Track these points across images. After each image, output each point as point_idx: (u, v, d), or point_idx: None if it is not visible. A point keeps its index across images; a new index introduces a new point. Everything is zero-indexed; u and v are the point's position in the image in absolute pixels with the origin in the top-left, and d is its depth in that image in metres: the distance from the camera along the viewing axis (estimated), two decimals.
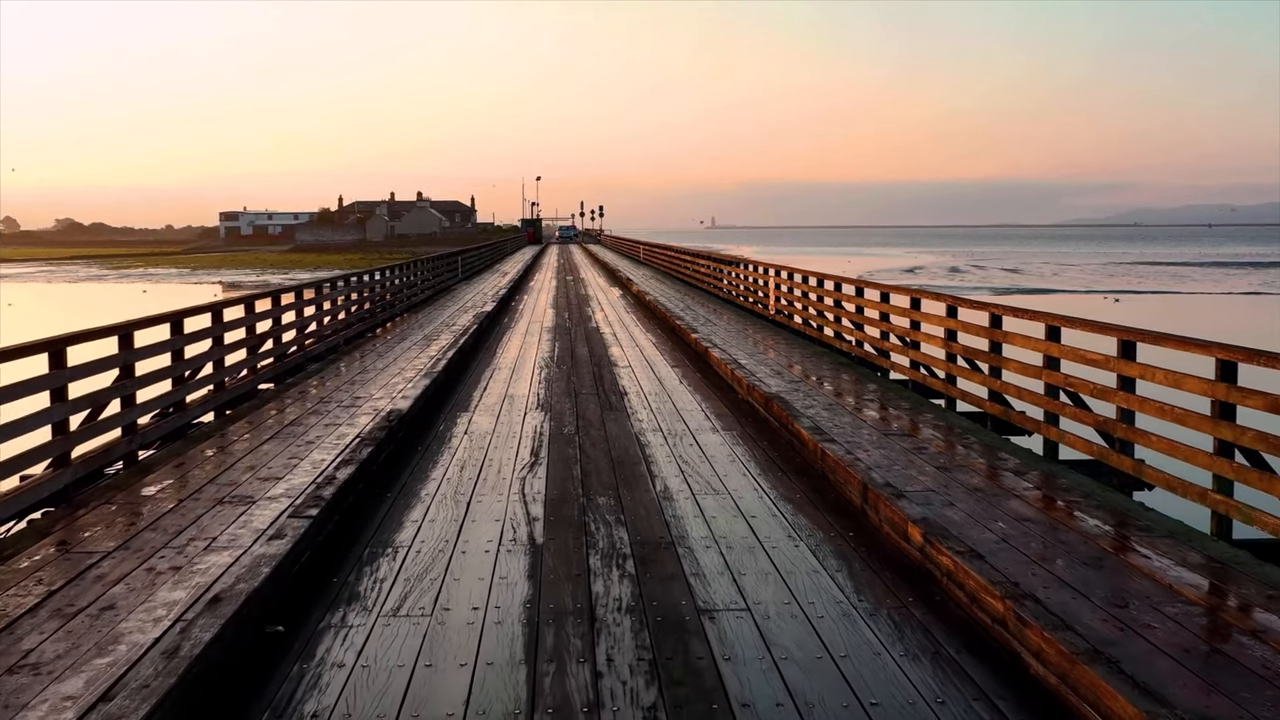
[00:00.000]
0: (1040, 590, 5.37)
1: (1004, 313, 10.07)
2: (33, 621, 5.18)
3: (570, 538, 6.77)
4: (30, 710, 4.22)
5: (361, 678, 4.70)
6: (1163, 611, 5.18)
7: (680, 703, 4.43)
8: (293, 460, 8.54)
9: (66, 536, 6.60)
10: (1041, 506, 7.09)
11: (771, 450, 9.53)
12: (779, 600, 5.61)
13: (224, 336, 11.09)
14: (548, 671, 4.75)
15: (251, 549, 6.23)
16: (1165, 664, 4.51)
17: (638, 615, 5.44)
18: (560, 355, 16.26)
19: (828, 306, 16.44)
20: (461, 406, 11.73)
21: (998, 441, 9.40)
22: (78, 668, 4.63)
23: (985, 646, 5.07)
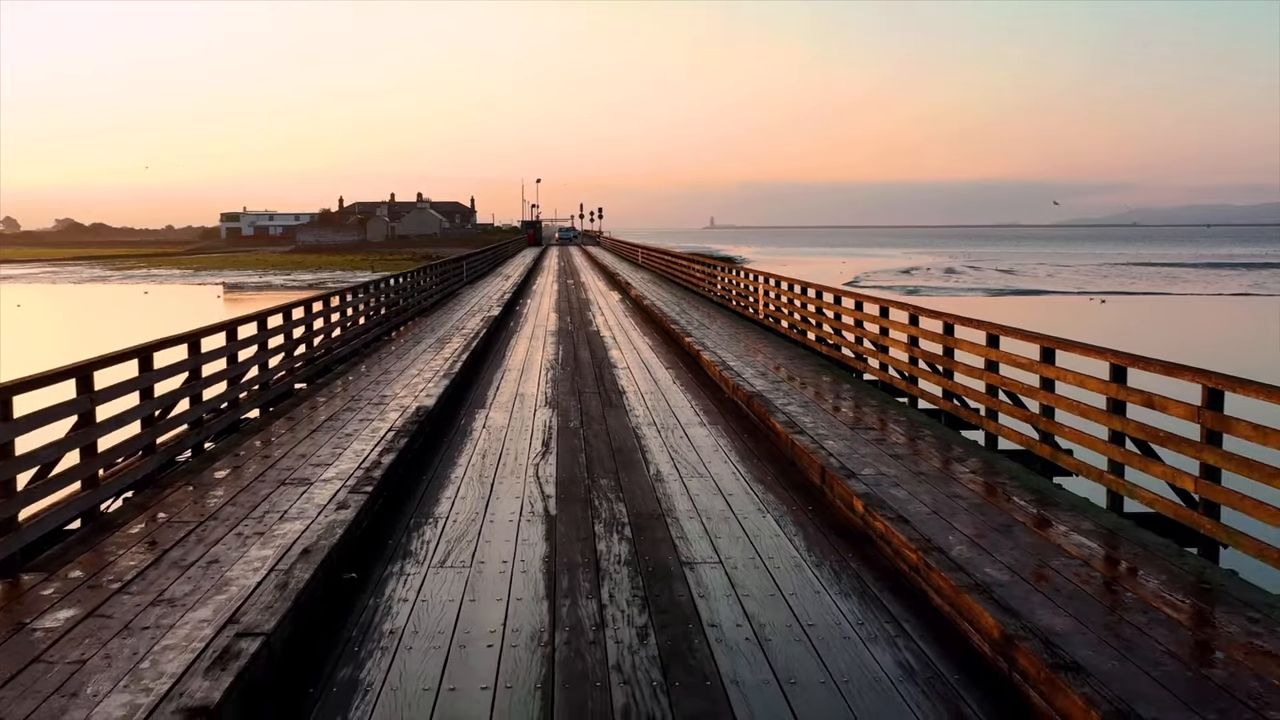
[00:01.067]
0: (951, 547, 6.84)
1: (955, 321, 11.55)
2: (157, 571, 6.66)
3: (578, 510, 8.27)
4: (178, 628, 5.68)
5: (421, 608, 6.19)
6: (1049, 564, 6.65)
7: (664, 625, 5.92)
8: (338, 450, 10.01)
9: (162, 510, 8.07)
10: (973, 487, 8.56)
11: (750, 441, 11.02)
12: (745, 556, 7.10)
13: (268, 341, 12.58)
14: (564, 604, 6.23)
15: (318, 519, 7.70)
16: (1035, 597, 5.98)
17: (633, 566, 6.92)
18: (564, 358, 17.75)
19: (810, 313, 17.89)
20: (478, 404, 13.24)
21: (950, 434, 10.87)
22: (203, 601, 6.10)
23: (902, 588, 6.56)
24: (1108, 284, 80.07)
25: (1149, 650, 5.22)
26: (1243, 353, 34.01)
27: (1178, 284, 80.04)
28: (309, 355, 14.74)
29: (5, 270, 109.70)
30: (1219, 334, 40.99)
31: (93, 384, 7.99)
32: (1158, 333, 41.69)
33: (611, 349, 19.12)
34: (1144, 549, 7.01)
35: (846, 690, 5.09)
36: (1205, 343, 37.59)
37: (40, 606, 5.99)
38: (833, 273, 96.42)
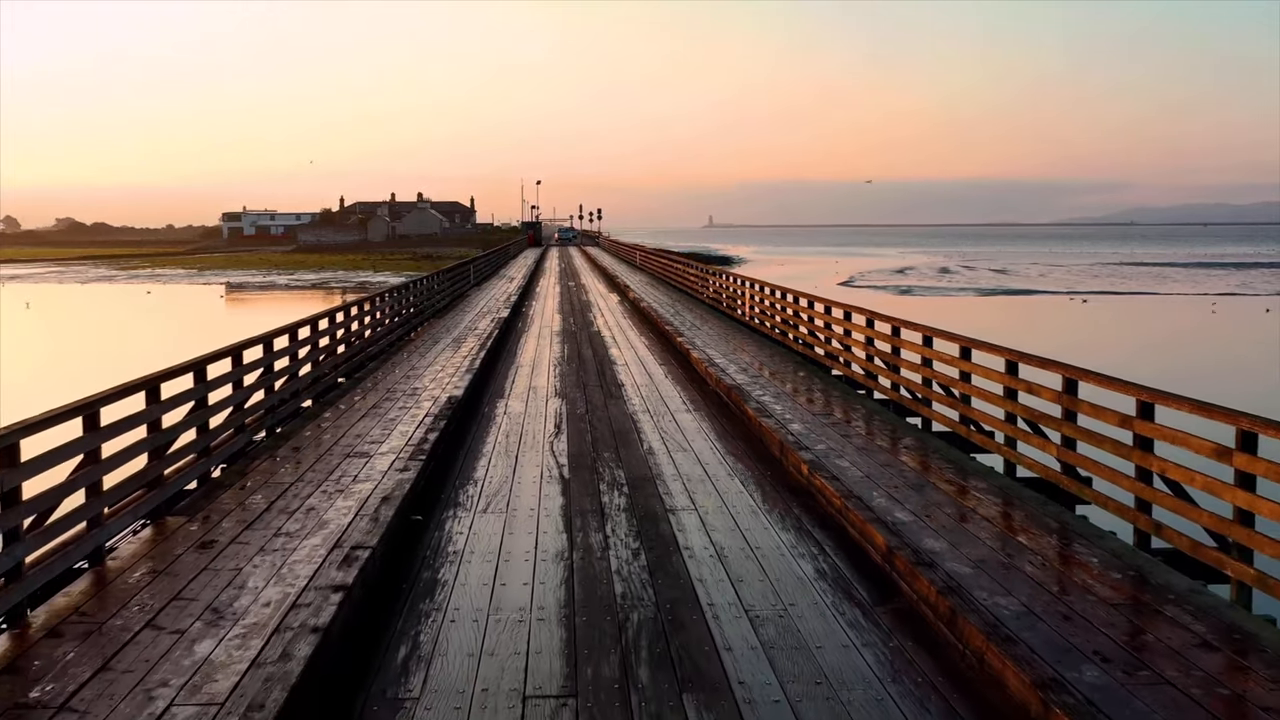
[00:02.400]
0: (871, 498, 9.11)
1: (900, 324, 13.84)
2: (269, 516, 8.93)
3: (586, 475, 10.57)
4: (299, 550, 7.94)
5: (474, 537, 8.49)
6: (943, 510, 8.91)
7: (651, 548, 8.21)
8: (386, 431, 12.30)
9: (259, 476, 10.35)
10: (905, 459, 10.84)
11: (728, 425, 13.33)
12: (715, 505, 9.41)
13: (319, 341, 14.87)
14: (578, 535, 8.53)
15: (384, 480, 9.98)
16: (922, 529, 8.24)
17: (629, 512, 9.22)
18: (569, 355, 20.05)
19: (790, 315, 20.17)
20: (498, 394, 15.55)
21: (896, 420, 13.16)
22: (311, 534, 8.37)
23: (828, 525, 8.86)
24: (1098, 284, 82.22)
25: (990, 555, 7.50)
26: (1200, 353, 36.33)
27: (1166, 284, 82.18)
28: (348, 354, 17.01)
29: (11, 270, 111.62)
30: (1183, 334, 43.23)
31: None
32: (1120, 332, 43.98)
33: (611, 348, 21.42)
34: (1020, 500, 9.29)
35: (777, 584, 7.39)
36: (1164, 343, 39.85)
37: (191, 539, 8.28)
38: (827, 273, 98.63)
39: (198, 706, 5.33)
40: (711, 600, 7.09)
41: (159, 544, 8.12)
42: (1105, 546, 7.97)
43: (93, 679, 5.69)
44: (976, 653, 6.09)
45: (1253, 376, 29.96)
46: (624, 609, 6.93)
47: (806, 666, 6.04)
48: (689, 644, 6.36)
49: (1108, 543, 8.09)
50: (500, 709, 5.52)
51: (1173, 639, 6.13)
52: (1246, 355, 35.97)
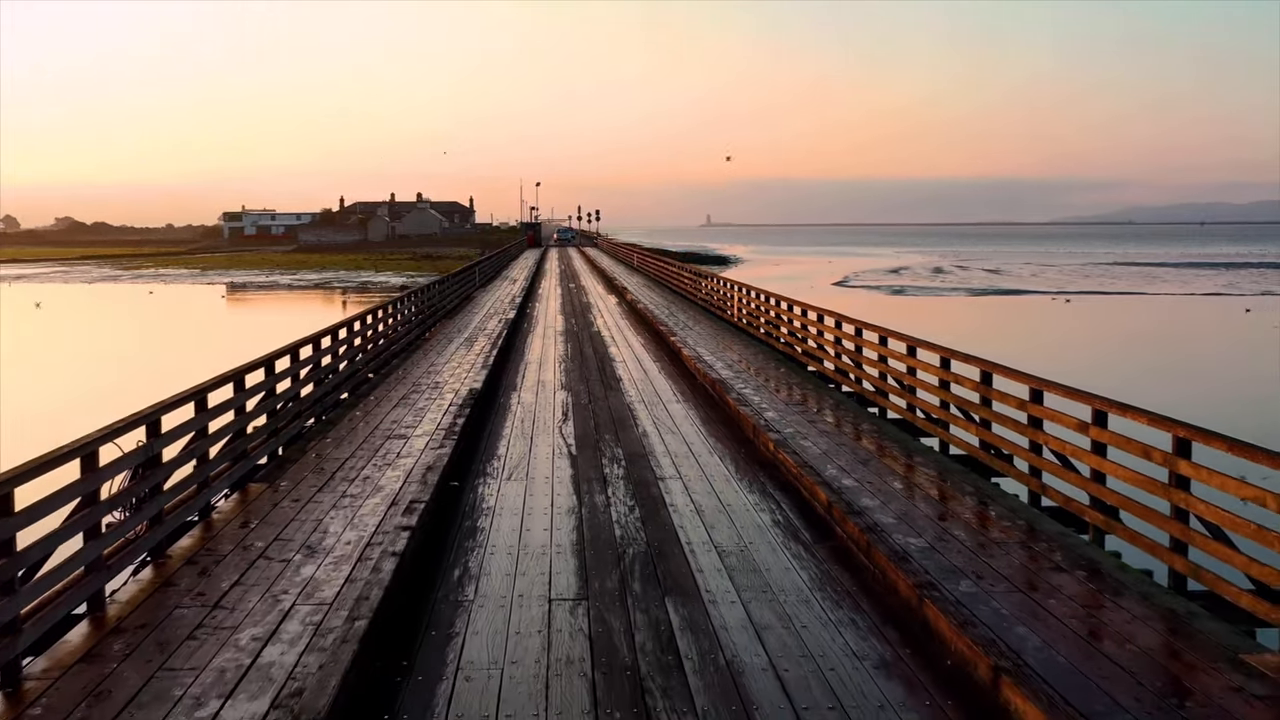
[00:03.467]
0: (824, 470, 11.27)
1: (860, 325, 16.01)
2: (333, 483, 11.08)
3: (590, 452, 12.75)
4: (365, 505, 10.10)
5: (502, 498, 10.67)
6: (882, 479, 11.07)
7: (643, 505, 10.39)
8: (418, 418, 14.46)
9: (318, 451, 12.51)
10: (863, 441, 13.00)
11: (712, 413, 15.51)
12: (696, 474, 11.59)
13: (354, 340, 17.04)
14: (585, 496, 10.71)
15: (423, 455, 12.14)
16: (861, 491, 10.40)
17: (627, 480, 11.40)
18: (572, 353, 22.24)
19: (772, 317, 22.34)
20: (511, 387, 17.74)
21: (859, 409, 15.32)
22: (371, 496, 10.53)
23: (787, 488, 11.05)
24: (1088, 284, 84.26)
25: (912, 510, 9.68)
26: (1160, 353, 38.44)
27: (1155, 284, 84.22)
28: (375, 352, 19.17)
29: (17, 270, 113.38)
30: (1150, 333, 45.40)
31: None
32: (1088, 331, 46.13)
33: (610, 346, 23.60)
34: (949, 473, 11.47)
35: (741, 530, 9.57)
36: (1125, 341, 41.99)
37: (275, 499, 10.44)
38: (822, 273, 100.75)
39: (313, 605, 7.48)
40: (689, 540, 9.27)
41: (251, 502, 10.29)
42: (1005, 504, 10.15)
43: (231, 589, 7.85)
44: (881, 570, 8.27)
45: (1199, 378, 32.13)
46: (622, 545, 9.12)
47: (756, 581, 8.22)
48: (671, 568, 8.53)
49: (1008, 501, 10.27)
50: (532, 607, 7.70)
51: (1035, 565, 8.30)
52: (1206, 355, 38.09)
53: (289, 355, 13.45)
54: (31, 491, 6.63)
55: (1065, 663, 6.37)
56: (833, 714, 6.00)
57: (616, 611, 7.60)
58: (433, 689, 6.43)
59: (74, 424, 8.86)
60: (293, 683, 6.17)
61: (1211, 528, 7.54)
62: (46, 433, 10.28)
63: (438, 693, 6.37)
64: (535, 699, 6.20)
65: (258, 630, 7.03)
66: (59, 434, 8.00)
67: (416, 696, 6.33)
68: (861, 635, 7.19)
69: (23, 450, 7.59)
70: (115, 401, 9.74)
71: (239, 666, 6.42)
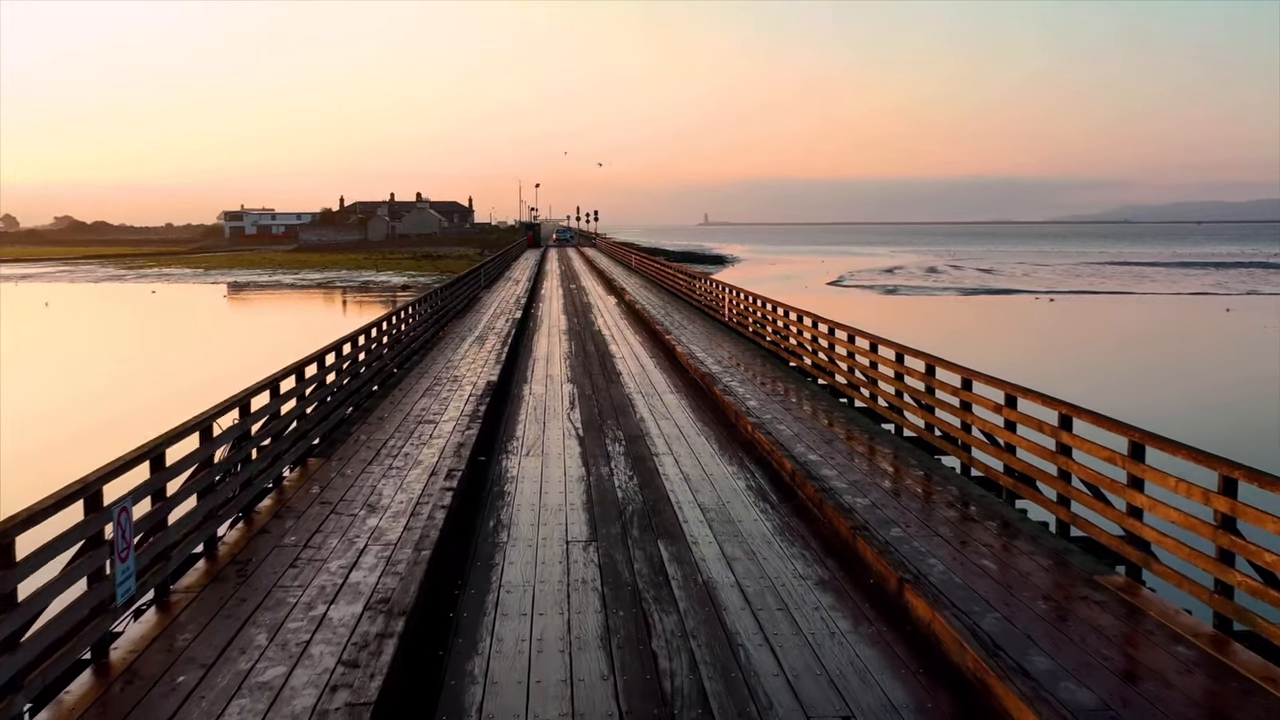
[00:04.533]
0: (794, 447, 13.47)
1: (834, 325, 18.22)
2: (379, 458, 13.28)
3: (595, 434, 14.97)
4: (409, 474, 12.30)
5: (522, 469, 12.90)
6: (842, 455, 13.28)
7: (640, 474, 12.61)
8: (443, 406, 16.66)
9: (361, 434, 14.70)
10: (835, 428, 15.20)
11: (701, 402, 17.73)
12: (685, 451, 13.82)
13: (382, 339, 19.24)
14: (592, 468, 12.93)
15: (453, 436, 14.34)
16: (823, 464, 12.60)
17: (627, 456, 13.62)
18: (576, 350, 24.46)
19: (758, 318, 24.55)
20: (523, 380, 19.97)
21: (832, 400, 17.52)
22: (413, 468, 12.73)
23: (761, 462, 13.27)
24: (1078, 283, 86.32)
25: (863, 480, 11.88)
26: (1119, 354, 40.59)
27: (1144, 283, 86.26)
28: (398, 349, 21.37)
29: (22, 269, 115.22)
30: (1120, 333, 47.58)
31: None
32: (1061, 329, 48.32)
33: (611, 343, 25.82)
34: (902, 451, 13.67)
35: (720, 493, 11.78)
36: (1087, 340, 44.15)
37: (336, 469, 12.64)
38: (818, 273, 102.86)
39: (381, 545, 9.67)
40: (678, 500, 11.49)
41: (313, 473, 12.49)
42: (942, 475, 12.36)
43: (313, 535, 10.04)
44: (829, 519, 10.50)
45: (1162, 379, 34.32)
46: (623, 504, 11.34)
47: (730, 529, 10.43)
48: (662, 520, 10.75)
49: (945, 473, 12.47)
50: (553, 545, 9.91)
51: (958, 518, 10.50)
52: (1177, 356, 40.25)
53: (334, 351, 15.65)
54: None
55: (959, 581, 8.56)
56: (780, 613, 8.21)
57: (619, 549, 9.82)
58: (483, 598, 8.65)
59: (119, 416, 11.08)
60: (377, 594, 8.36)
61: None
62: (92, 423, 12.42)
63: (487, 600, 8.59)
64: (559, 603, 8.41)
65: (342, 562, 9.23)
66: (107, 422, 10.18)
67: (471, 601, 8.54)
68: (808, 564, 9.41)
69: (73, 442, 9.76)
70: (159, 395, 11.88)
71: (334, 585, 8.61)
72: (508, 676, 7.11)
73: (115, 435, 15.10)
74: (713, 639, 7.68)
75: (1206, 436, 9.69)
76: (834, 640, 7.67)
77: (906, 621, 8.07)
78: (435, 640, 7.77)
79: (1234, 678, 6.80)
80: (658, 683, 6.95)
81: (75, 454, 18.33)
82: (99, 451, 8.83)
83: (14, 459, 19.20)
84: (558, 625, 7.98)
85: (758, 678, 7.01)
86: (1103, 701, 6.40)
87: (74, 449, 19.85)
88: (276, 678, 6.83)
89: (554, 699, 6.74)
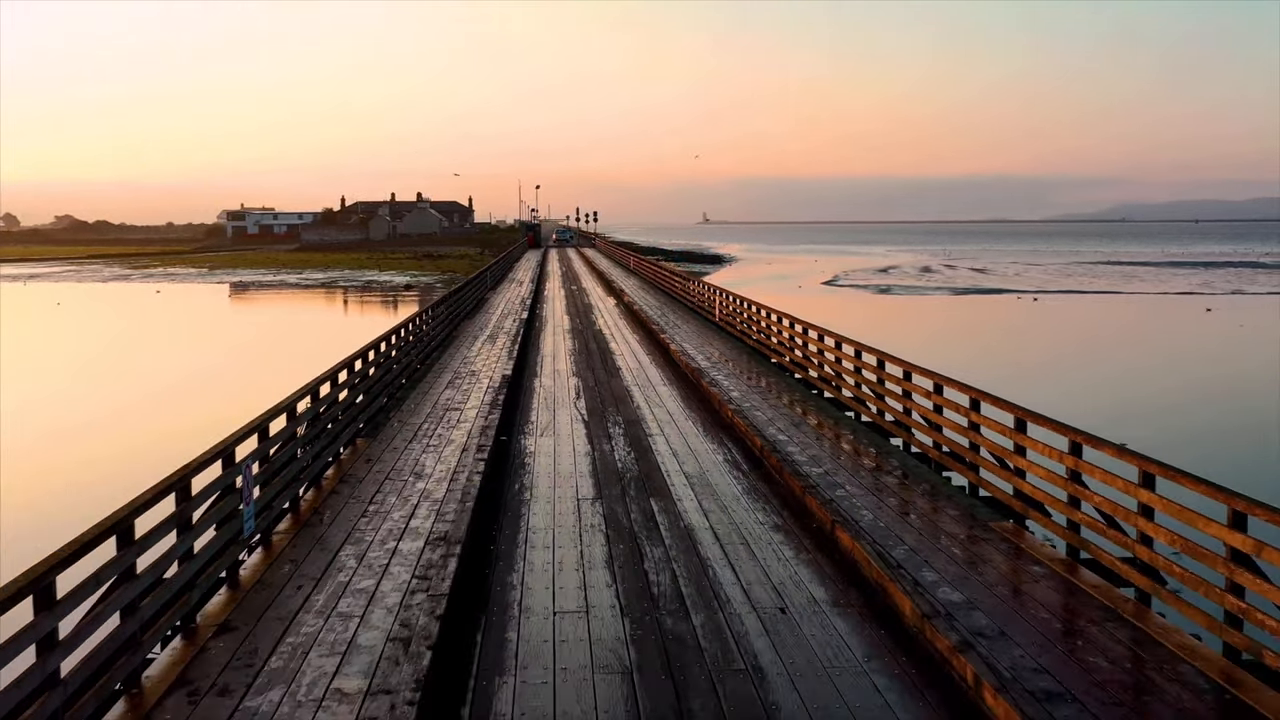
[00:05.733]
0: (765, 429, 16.15)
1: (807, 325, 20.90)
2: (417, 438, 15.96)
3: (598, 418, 17.69)
4: (445, 449, 14.99)
5: (539, 447, 15.63)
6: (806, 435, 15.95)
7: (637, 449, 15.34)
8: (466, 395, 19.34)
9: (397, 419, 17.38)
10: (810, 418, 17.88)
11: (690, 393, 20.44)
12: (675, 433, 16.54)
13: (408, 338, 21.92)
14: (596, 446, 15.65)
15: (477, 420, 17.03)
16: (789, 442, 15.28)
17: (625, 436, 16.33)
18: (579, 348, 27.18)
19: (744, 318, 27.23)
20: (533, 374, 22.69)
21: (805, 391, 20.20)
22: (447, 445, 15.42)
23: (739, 441, 16.01)
24: (1068, 283, 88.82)
25: (820, 454, 14.56)
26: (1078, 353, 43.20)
27: (1132, 283, 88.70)
28: (421, 348, 24.04)
29: (30, 269, 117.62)
30: (1091, 331, 50.21)
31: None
32: (1034, 328, 50.99)
33: (610, 341, 28.51)
34: (858, 433, 16.33)
35: (702, 464, 14.50)
36: (1058, 338, 46.79)
37: (383, 446, 15.31)
38: (813, 272, 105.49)
39: (431, 502, 12.34)
40: (667, 470, 14.18)
41: (362, 451, 15.16)
42: (888, 451, 15.03)
43: (375, 495, 12.70)
44: (787, 483, 13.21)
45: (1123, 381, 36.94)
46: (622, 472, 14.04)
47: (708, 491, 13.14)
48: (654, 484, 13.44)
49: (892, 450, 15.14)
50: (567, 501, 12.62)
51: (899, 486, 13.17)
52: (1148, 356, 42.91)
53: (374, 349, 18.32)
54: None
55: (882, 526, 11.22)
56: (741, 546, 10.90)
57: (620, 504, 12.52)
58: (515, 536, 11.36)
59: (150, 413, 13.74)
60: (434, 534, 11.03)
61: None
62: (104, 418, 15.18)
63: (518, 538, 11.30)
64: (574, 540, 11.12)
65: (401, 513, 11.90)
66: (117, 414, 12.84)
67: (506, 539, 11.27)
68: (766, 515, 12.11)
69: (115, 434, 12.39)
70: (188, 397, 14.40)
71: (399, 528, 11.29)
72: (539, 584, 9.82)
73: (201, 421, 17.80)
74: (689, 563, 10.37)
75: (1142, 437, 12.39)
76: (779, 562, 10.37)
77: (836, 551, 10.77)
78: (481, 565, 10.45)
79: (1075, 591, 9.46)
80: (648, 588, 9.64)
81: (180, 444, 21.11)
82: (185, 441, 11.51)
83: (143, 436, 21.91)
84: (573, 554, 10.68)
85: (720, 585, 9.71)
86: (968, 599, 9.05)
87: (169, 442, 22.60)
88: (369, 586, 9.50)
89: (573, 597, 9.44)
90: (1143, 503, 9.04)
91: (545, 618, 9.02)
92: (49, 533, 9.20)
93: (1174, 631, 8.42)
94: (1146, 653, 7.96)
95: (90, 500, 13.28)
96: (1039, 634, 8.24)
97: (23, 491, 19.48)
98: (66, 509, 16.79)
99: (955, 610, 8.73)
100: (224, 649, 8.12)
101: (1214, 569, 8.07)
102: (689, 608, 9.20)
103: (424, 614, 8.69)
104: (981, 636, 8.18)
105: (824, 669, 7.93)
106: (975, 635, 8.20)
